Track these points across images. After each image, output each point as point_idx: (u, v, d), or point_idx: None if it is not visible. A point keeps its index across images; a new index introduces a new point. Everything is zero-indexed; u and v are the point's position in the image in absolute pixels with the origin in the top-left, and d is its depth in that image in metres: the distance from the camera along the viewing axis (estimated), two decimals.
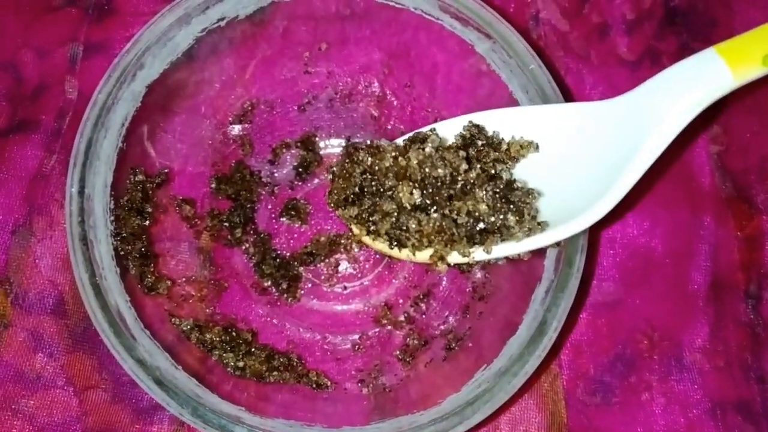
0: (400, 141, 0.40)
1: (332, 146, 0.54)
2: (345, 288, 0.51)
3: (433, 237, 0.37)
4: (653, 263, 0.51)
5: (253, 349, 0.45)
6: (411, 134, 0.40)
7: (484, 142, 0.38)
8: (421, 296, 0.50)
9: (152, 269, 0.43)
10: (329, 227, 0.53)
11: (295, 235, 0.52)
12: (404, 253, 0.38)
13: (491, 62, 0.42)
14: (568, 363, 0.49)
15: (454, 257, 0.38)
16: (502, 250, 0.38)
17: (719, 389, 0.48)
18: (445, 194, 0.37)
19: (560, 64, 0.55)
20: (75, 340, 0.48)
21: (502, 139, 0.39)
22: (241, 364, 0.43)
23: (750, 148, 0.54)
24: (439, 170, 0.36)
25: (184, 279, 0.46)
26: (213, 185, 0.50)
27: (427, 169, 0.37)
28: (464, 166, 0.37)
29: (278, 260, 0.51)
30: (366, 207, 0.38)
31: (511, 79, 0.42)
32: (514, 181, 0.38)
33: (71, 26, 0.55)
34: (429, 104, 0.49)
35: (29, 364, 0.48)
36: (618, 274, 0.51)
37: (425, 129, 0.40)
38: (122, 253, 0.41)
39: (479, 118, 0.39)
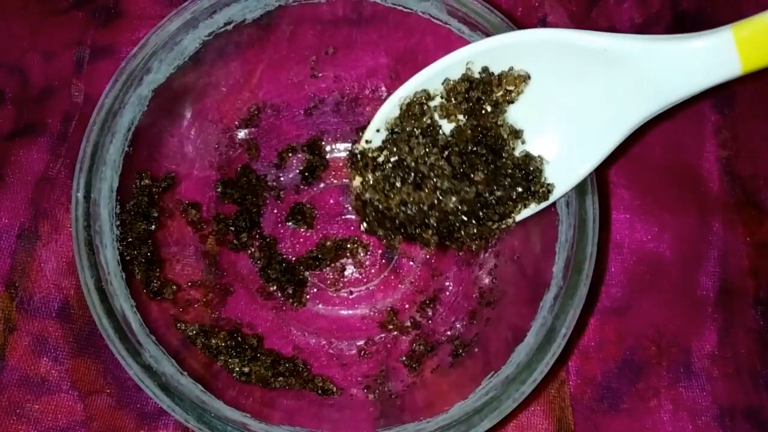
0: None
1: (338, 150, 0.53)
2: (351, 293, 0.51)
3: (470, 237, 0.39)
4: (661, 269, 0.51)
5: (258, 355, 0.45)
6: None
7: (479, 95, 0.37)
8: (428, 301, 0.50)
9: (158, 274, 0.43)
10: (335, 231, 0.52)
11: (301, 240, 0.52)
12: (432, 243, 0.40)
13: None
14: (576, 369, 0.49)
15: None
16: (518, 218, 0.39)
17: (728, 396, 0.48)
18: (476, 209, 0.38)
19: None
20: (80, 344, 0.48)
21: (492, 74, 0.37)
22: (246, 369, 0.43)
23: (759, 153, 0.54)
24: (475, 202, 0.38)
25: (189, 283, 0.46)
26: (219, 189, 0.50)
27: (465, 206, 0.38)
28: (491, 187, 0.38)
29: (284, 265, 0.51)
30: (410, 232, 0.39)
31: None
32: (527, 160, 0.38)
33: (78, 29, 0.55)
34: None
35: (34, 368, 0.47)
36: (626, 280, 0.51)
37: (418, 89, 0.39)
38: (128, 257, 0.41)
39: (468, 52, 0.38)
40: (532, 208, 0.39)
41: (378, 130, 0.40)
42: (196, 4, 0.41)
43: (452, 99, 0.38)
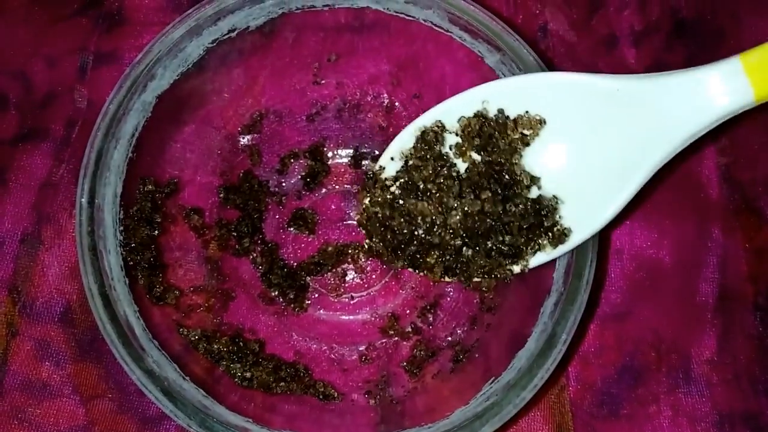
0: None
1: (340, 156, 0.54)
2: (352, 298, 0.51)
3: (479, 270, 0.38)
4: (661, 275, 0.51)
5: (260, 360, 0.45)
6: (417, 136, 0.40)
7: (492, 131, 0.37)
8: (429, 307, 0.50)
9: (161, 279, 0.43)
10: (336, 237, 0.53)
11: (303, 245, 0.52)
12: (447, 279, 0.40)
13: (500, 74, 0.42)
14: (575, 375, 0.49)
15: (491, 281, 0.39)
16: (534, 261, 0.39)
17: (727, 402, 0.48)
18: (484, 233, 0.37)
19: None
20: (82, 349, 0.48)
21: (508, 117, 0.37)
22: (248, 374, 0.43)
23: (758, 159, 0.54)
24: (480, 224, 0.37)
25: (192, 289, 0.46)
26: (221, 195, 0.50)
27: (469, 223, 0.37)
28: (498, 208, 0.37)
29: (285, 270, 0.51)
30: (413, 253, 0.39)
31: None
32: (540, 198, 0.37)
33: (81, 36, 0.55)
34: None
35: (36, 372, 0.48)
36: (626, 286, 0.51)
37: (429, 124, 0.39)
38: (131, 263, 0.41)
39: (483, 92, 0.38)
40: (548, 253, 0.38)
41: (392, 159, 0.40)
42: (199, 11, 0.42)
43: (466, 135, 0.38)
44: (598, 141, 0.36)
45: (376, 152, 0.53)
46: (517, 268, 0.39)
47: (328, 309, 0.51)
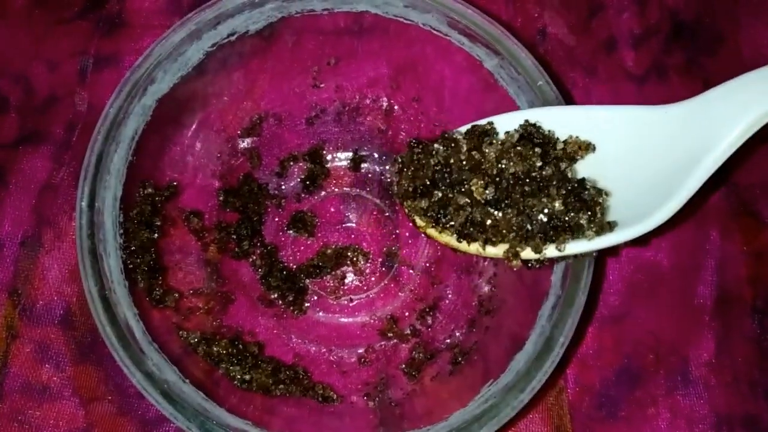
0: (457, 132, 0.39)
1: (339, 159, 0.54)
2: (351, 300, 0.52)
3: (507, 233, 0.36)
4: (659, 277, 0.51)
5: (259, 362, 0.45)
6: (469, 126, 0.39)
7: (540, 141, 0.37)
8: (427, 309, 0.50)
9: (160, 282, 0.43)
10: (336, 240, 0.53)
11: (302, 248, 0.53)
12: (473, 247, 0.38)
13: (499, 78, 0.42)
14: (574, 377, 0.49)
15: (527, 253, 0.37)
16: (573, 248, 0.36)
17: (726, 404, 0.48)
18: (520, 190, 0.36)
19: (567, 79, 0.56)
20: (82, 351, 0.48)
21: (557, 139, 0.38)
22: (247, 377, 0.44)
23: (756, 163, 0.54)
24: (517, 167, 0.36)
25: (191, 291, 0.46)
26: (221, 198, 0.50)
27: (503, 165, 0.36)
28: (539, 162, 0.36)
29: (285, 272, 0.51)
30: (437, 200, 0.37)
31: (518, 95, 0.42)
32: (585, 179, 0.37)
33: (82, 39, 0.55)
34: (436, 118, 0.50)
35: (36, 375, 0.48)
36: (624, 288, 0.51)
37: (483, 122, 0.39)
38: (131, 266, 0.41)
39: (533, 115, 0.38)
40: (589, 239, 0.36)
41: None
42: (200, 15, 0.42)
43: (510, 149, 0.37)
44: (644, 163, 0.37)
45: (375, 155, 0.53)
46: (552, 250, 0.36)
47: (327, 311, 0.51)
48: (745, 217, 0.53)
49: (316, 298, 0.52)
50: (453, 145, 0.38)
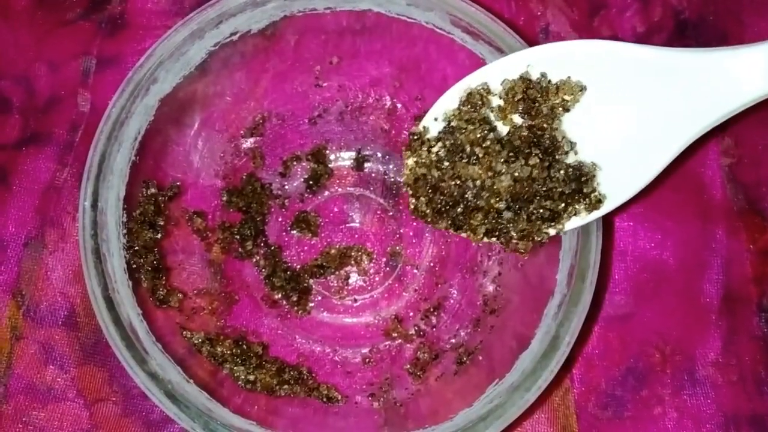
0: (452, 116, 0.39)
1: (342, 159, 0.54)
2: (355, 300, 0.51)
3: (519, 233, 0.39)
4: (665, 276, 0.51)
5: (263, 362, 0.45)
6: (456, 103, 0.39)
7: (536, 95, 0.37)
8: (432, 309, 0.50)
9: (164, 282, 0.43)
10: (339, 240, 0.53)
11: (306, 248, 0.52)
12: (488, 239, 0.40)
13: None
14: (580, 377, 0.49)
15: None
16: (569, 225, 0.39)
17: (732, 404, 0.48)
18: (528, 197, 0.38)
19: None
20: (86, 352, 0.48)
21: (550, 81, 0.37)
22: (251, 377, 0.43)
23: (762, 160, 0.54)
24: (528, 189, 0.38)
25: (195, 292, 0.46)
26: (224, 198, 0.50)
27: (516, 188, 0.38)
28: (544, 174, 0.37)
29: (289, 273, 0.51)
30: (458, 215, 0.39)
31: None
32: (580, 165, 0.38)
33: (84, 40, 0.55)
34: None
35: (40, 376, 0.48)
36: (629, 287, 0.51)
37: (475, 88, 0.39)
38: (134, 266, 0.41)
39: (523, 57, 0.38)
40: (582, 218, 0.38)
41: (436, 119, 0.40)
42: (202, 14, 0.42)
43: (510, 98, 0.38)
44: (635, 110, 0.36)
45: (379, 154, 0.53)
46: (552, 231, 0.39)
47: (331, 311, 0.51)
48: (751, 215, 0.52)
49: (320, 298, 0.51)
50: (465, 165, 0.38)
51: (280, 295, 0.50)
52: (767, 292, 0.51)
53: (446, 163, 0.39)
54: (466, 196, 0.38)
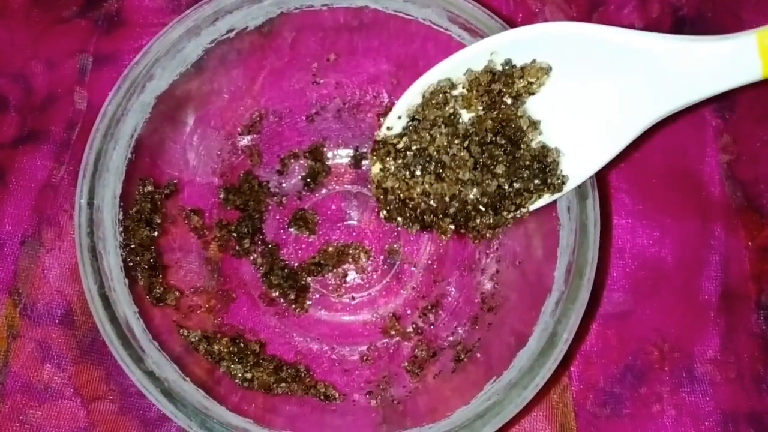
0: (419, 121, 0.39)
1: (340, 156, 0.54)
2: (353, 298, 0.51)
3: (486, 226, 0.40)
4: (663, 273, 0.51)
5: (261, 360, 0.45)
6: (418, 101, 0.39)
7: (500, 87, 0.38)
8: (430, 307, 0.50)
9: (161, 280, 0.43)
10: (337, 237, 0.53)
11: (303, 246, 0.52)
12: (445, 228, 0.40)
13: None
14: (578, 374, 0.49)
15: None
16: (533, 207, 0.40)
17: (731, 401, 0.48)
18: (495, 198, 0.39)
19: None
20: (83, 350, 0.48)
21: (514, 66, 0.37)
22: (249, 375, 0.43)
23: (760, 157, 0.54)
24: (494, 194, 0.39)
25: (192, 290, 0.46)
26: (221, 196, 0.50)
27: (485, 200, 0.39)
28: (502, 168, 0.38)
29: (286, 270, 0.51)
30: (428, 221, 0.40)
31: None
32: (544, 153, 0.38)
33: (81, 38, 0.55)
34: None
35: (37, 374, 0.48)
36: (628, 285, 0.51)
37: (438, 85, 0.39)
38: (131, 264, 0.41)
39: (488, 44, 0.38)
40: (546, 199, 0.39)
41: (399, 117, 0.40)
42: (198, 11, 0.42)
43: (474, 90, 0.38)
44: (600, 91, 0.36)
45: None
46: (518, 215, 0.40)
47: (329, 309, 0.51)
48: (750, 213, 0.52)
49: (317, 296, 0.51)
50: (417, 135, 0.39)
51: (277, 293, 0.50)
52: (765, 290, 0.50)
53: (413, 173, 0.39)
54: (435, 207, 0.39)
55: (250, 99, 0.49)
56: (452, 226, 0.39)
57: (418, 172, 0.39)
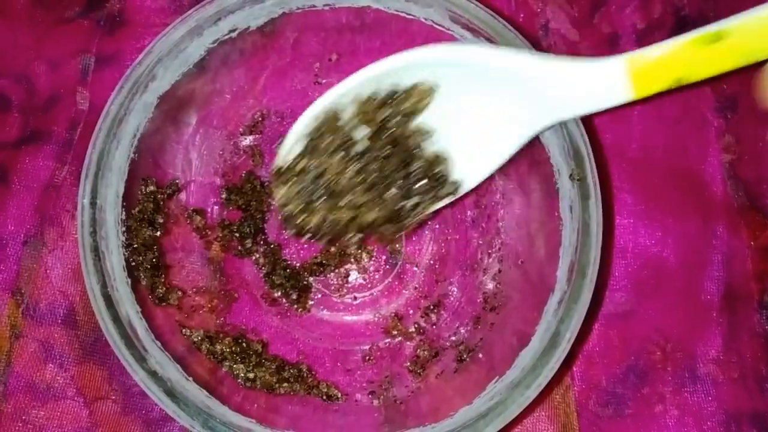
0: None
1: None
2: (355, 298, 0.51)
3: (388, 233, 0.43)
4: (666, 273, 0.51)
5: (263, 360, 0.45)
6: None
7: (385, 113, 0.39)
8: (432, 307, 0.50)
9: (163, 280, 0.43)
10: None
11: (305, 246, 0.52)
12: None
13: None
14: (580, 374, 0.49)
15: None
16: (430, 210, 0.43)
17: (734, 401, 0.48)
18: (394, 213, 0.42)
19: None
20: (85, 350, 0.48)
21: (396, 93, 0.39)
22: (251, 375, 0.43)
23: (763, 157, 0.54)
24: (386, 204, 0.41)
25: (194, 290, 0.46)
26: (223, 196, 0.50)
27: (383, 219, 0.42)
28: (395, 191, 0.41)
29: (288, 271, 0.51)
30: (334, 238, 0.43)
31: None
32: (437, 162, 0.41)
33: (83, 38, 0.55)
34: None
35: (40, 374, 0.48)
36: (630, 285, 0.51)
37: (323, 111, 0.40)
38: (133, 263, 0.41)
39: (374, 70, 0.39)
40: (444, 202, 0.42)
41: (295, 143, 0.42)
42: (200, 11, 0.42)
43: (362, 116, 0.40)
44: (486, 105, 0.37)
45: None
46: (417, 219, 0.43)
47: (331, 309, 0.51)
48: (752, 212, 0.52)
49: (319, 296, 0.51)
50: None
51: (279, 293, 0.50)
52: None
53: (312, 199, 0.41)
54: (336, 229, 0.42)
55: (252, 99, 0.49)
56: (359, 236, 0.42)
57: (316, 199, 0.41)
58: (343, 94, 0.39)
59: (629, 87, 0.32)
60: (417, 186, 0.41)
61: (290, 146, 0.41)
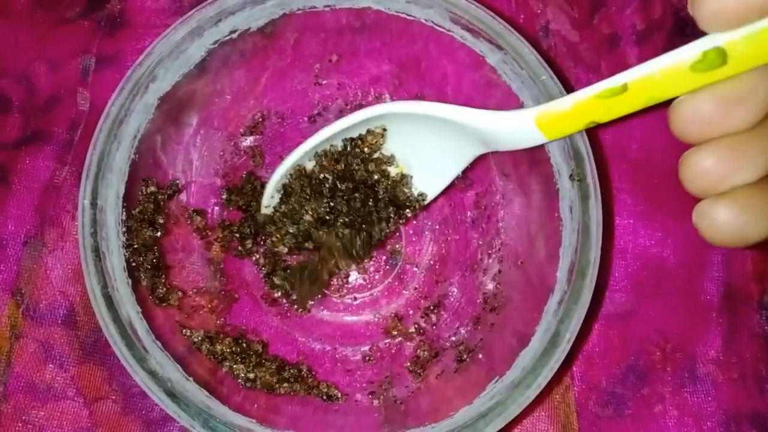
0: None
1: None
2: (355, 299, 0.51)
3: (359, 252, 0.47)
4: (665, 274, 0.51)
5: (263, 361, 0.45)
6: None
7: (346, 161, 0.44)
8: (432, 307, 0.50)
9: (163, 280, 0.43)
10: None
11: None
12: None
13: (502, 73, 0.42)
14: (580, 375, 0.49)
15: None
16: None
17: (733, 401, 0.48)
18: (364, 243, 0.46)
19: (570, 75, 0.55)
20: (85, 351, 0.48)
21: (350, 142, 0.44)
22: (251, 375, 0.43)
23: None
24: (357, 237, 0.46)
25: (195, 290, 0.46)
26: (224, 196, 0.50)
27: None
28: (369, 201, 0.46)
29: (288, 271, 0.51)
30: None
31: (522, 90, 0.42)
32: (402, 182, 0.45)
33: (84, 39, 0.55)
34: None
35: (40, 375, 0.48)
36: (630, 285, 0.51)
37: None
38: (134, 264, 0.41)
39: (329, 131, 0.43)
40: (409, 216, 0.47)
41: (272, 196, 0.46)
42: (201, 12, 0.42)
43: (322, 168, 0.45)
44: (437, 140, 0.42)
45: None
46: (386, 233, 0.47)
47: (331, 310, 0.51)
48: None
49: (320, 296, 0.51)
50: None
51: (279, 294, 0.50)
52: None
53: (299, 243, 0.46)
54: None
55: (252, 100, 0.49)
56: (343, 259, 0.47)
57: (301, 240, 0.46)
58: (302, 157, 0.44)
59: (540, 133, 0.36)
60: (384, 213, 0.46)
61: (269, 198, 0.47)
